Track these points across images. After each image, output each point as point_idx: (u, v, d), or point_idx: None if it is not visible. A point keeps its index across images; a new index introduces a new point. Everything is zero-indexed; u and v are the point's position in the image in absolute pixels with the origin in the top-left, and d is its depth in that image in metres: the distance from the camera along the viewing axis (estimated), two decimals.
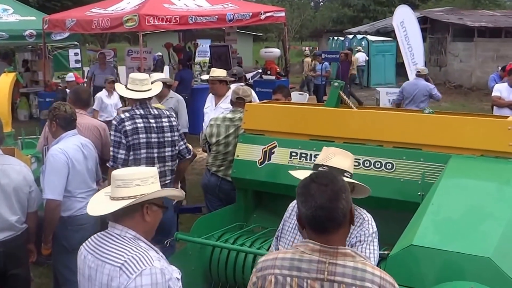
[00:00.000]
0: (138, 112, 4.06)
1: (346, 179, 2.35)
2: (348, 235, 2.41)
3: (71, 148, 3.67)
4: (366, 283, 1.70)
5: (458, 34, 20.46)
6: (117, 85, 4.72)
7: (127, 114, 4.05)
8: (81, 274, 2.11)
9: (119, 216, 2.05)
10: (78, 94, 4.57)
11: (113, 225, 2.08)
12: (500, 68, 8.01)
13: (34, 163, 4.96)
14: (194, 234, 3.80)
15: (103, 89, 9.01)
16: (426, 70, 9.03)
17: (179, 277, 2.03)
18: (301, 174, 2.45)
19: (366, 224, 2.53)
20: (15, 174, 3.32)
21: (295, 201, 2.59)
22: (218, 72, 6.10)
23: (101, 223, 3.80)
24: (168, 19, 8.38)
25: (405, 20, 9.26)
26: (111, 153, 4.02)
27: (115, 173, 2.09)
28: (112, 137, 4.01)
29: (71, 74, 7.44)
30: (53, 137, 3.80)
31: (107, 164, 4.04)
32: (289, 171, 2.59)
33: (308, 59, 18.62)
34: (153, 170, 2.14)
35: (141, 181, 2.03)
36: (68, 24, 9.31)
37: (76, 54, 14.31)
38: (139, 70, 10.27)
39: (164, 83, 6.16)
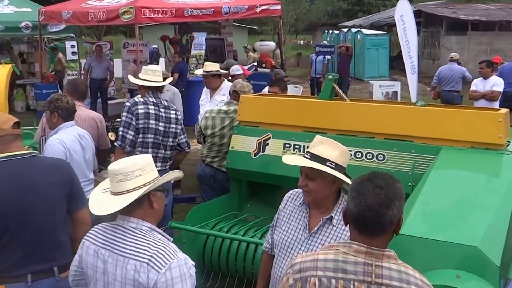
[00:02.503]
0: (151, 100, 4.28)
1: (325, 168, 2.33)
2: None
3: (69, 138, 3.72)
4: (412, 286, 1.68)
5: (451, 27, 20.54)
6: (129, 76, 4.88)
7: (141, 99, 4.24)
8: (91, 268, 2.09)
9: (129, 209, 2.04)
10: (76, 86, 4.63)
11: (126, 218, 2.06)
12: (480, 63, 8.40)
13: None
14: (189, 222, 3.87)
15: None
16: (458, 56, 10.16)
17: (193, 263, 2.05)
18: (293, 160, 2.49)
19: None
20: None
21: (290, 192, 2.64)
22: (211, 66, 6.19)
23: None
24: (164, 12, 8.37)
25: (404, 14, 9.32)
26: (120, 133, 4.18)
27: (113, 168, 2.05)
28: (123, 118, 4.18)
29: (237, 67, 7.06)
30: (51, 128, 3.83)
31: (115, 143, 4.23)
32: (283, 158, 2.55)
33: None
34: (148, 158, 2.13)
35: (140, 171, 2.03)
36: (65, 16, 9.27)
37: (73, 46, 14.27)
38: (135, 62, 10.28)
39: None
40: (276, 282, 2.52)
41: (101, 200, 2.09)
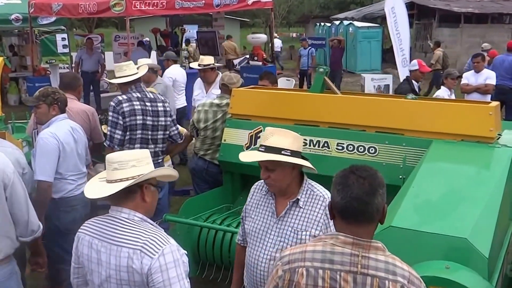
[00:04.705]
0: (135, 95, 4.18)
1: (281, 158, 2.40)
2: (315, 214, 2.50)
3: (62, 131, 3.72)
4: (398, 277, 1.71)
5: (444, 19, 20.57)
6: (111, 80, 4.80)
7: (124, 97, 4.17)
8: (86, 259, 2.12)
9: (121, 199, 2.08)
10: (69, 78, 4.63)
11: (119, 209, 2.10)
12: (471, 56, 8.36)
13: (25, 146, 5.00)
14: (183, 215, 3.88)
15: None
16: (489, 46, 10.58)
17: (186, 251, 2.09)
18: (250, 156, 2.54)
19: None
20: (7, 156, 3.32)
21: (256, 183, 2.73)
22: (208, 60, 6.15)
23: (91, 205, 3.89)
24: (155, 4, 8.31)
25: (395, 6, 9.31)
26: (108, 133, 4.14)
27: (110, 156, 2.10)
28: (110, 118, 4.13)
29: (415, 61, 7.08)
30: (44, 120, 3.79)
31: (104, 143, 4.20)
32: (239, 156, 2.60)
33: None
34: (146, 152, 2.18)
35: (136, 162, 2.07)
36: (55, 8, 9.18)
37: (63, 39, 14.15)
38: (126, 55, 10.22)
39: (151, 69, 6.16)
40: (250, 269, 2.59)
41: (96, 187, 2.13)
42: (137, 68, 4.39)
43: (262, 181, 2.67)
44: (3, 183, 2.65)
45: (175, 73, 7.98)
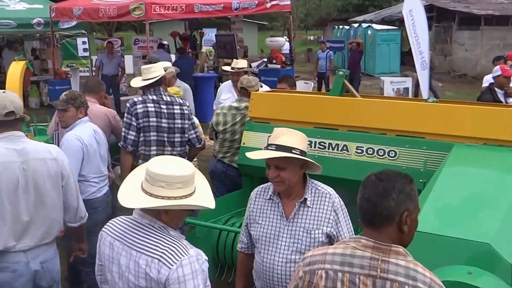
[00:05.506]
0: (150, 97, 4.23)
1: (290, 155, 2.43)
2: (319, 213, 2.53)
3: (86, 134, 3.79)
4: (419, 283, 1.68)
5: (464, 22, 20.32)
6: (131, 82, 4.91)
7: (140, 98, 4.25)
8: (107, 259, 2.14)
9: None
10: (93, 82, 4.79)
11: (142, 214, 2.08)
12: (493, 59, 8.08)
13: None
14: (202, 218, 3.90)
15: None
16: None
17: (206, 258, 2.08)
18: (262, 154, 2.55)
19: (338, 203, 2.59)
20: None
21: (255, 190, 2.74)
22: (242, 63, 6.14)
23: (113, 206, 3.95)
24: (174, 8, 8.40)
25: (413, 9, 9.22)
26: (123, 134, 4.23)
27: (156, 171, 2.00)
28: (124, 119, 4.23)
29: (497, 67, 6.41)
30: (72, 122, 3.85)
31: (119, 144, 4.27)
32: (248, 155, 2.63)
33: None
34: (191, 168, 2.08)
35: (182, 184, 2.01)
36: (76, 13, 9.34)
37: (84, 42, 14.36)
38: (144, 58, 10.33)
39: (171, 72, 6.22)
40: (265, 274, 2.59)
41: (130, 196, 2.07)
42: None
43: (261, 187, 2.72)
44: (61, 174, 2.99)
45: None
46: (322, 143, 3.93)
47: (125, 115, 4.22)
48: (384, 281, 1.70)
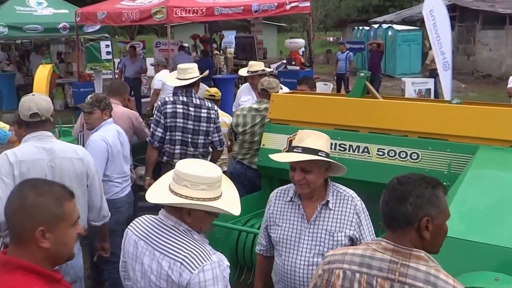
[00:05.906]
0: (181, 99, 4.40)
1: (319, 158, 2.42)
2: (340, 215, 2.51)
3: (110, 135, 3.86)
4: None
5: (488, 21, 19.94)
6: (166, 81, 5.05)
7: (171, 98, 4.44)
8: (130, 257, 2.15)
9: (171, 207, 2.06)
10: (117, 84, 4.97)
11: (167, 215, 2.08)
12: None
13: None
14: (222, 219, 3.89)
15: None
16: None
17: (228, 263, 2.06)
18: (289, 157, 2.53)
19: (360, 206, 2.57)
20: None
21: (274, 193, 2.73)
22: (257, 66, 6.12)
23: (134, 207, 4.02)
24: (195, 11, 8.46)
25: (434, 9, 9.07)
26: (151, 130, 4.42)
27: (182, 170, 2.02)
28: (154, 116, 4.41)
29: None
30: (97, 124, 3.91)
31: (146, 139, 4.46)
32: (273, 157, 2.64)
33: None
34: (219, 172, 2.08)
35: (207, 186, 2.01)
36: (99, 17, 9.48)
37: (107, 46, 14.57)
38: (166, 61, 10.42)
39: None
40: (287, 277, 2.57)
41: (158, 191, 2.09)
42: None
43: (280, 189, 2.71)
44: (86, 173, 3.11)
45: (165, 77, 8.16)
46: (342, 145, 3.89)
47: (155, 112, 4.41)
48: (402, 285, 1.68)
